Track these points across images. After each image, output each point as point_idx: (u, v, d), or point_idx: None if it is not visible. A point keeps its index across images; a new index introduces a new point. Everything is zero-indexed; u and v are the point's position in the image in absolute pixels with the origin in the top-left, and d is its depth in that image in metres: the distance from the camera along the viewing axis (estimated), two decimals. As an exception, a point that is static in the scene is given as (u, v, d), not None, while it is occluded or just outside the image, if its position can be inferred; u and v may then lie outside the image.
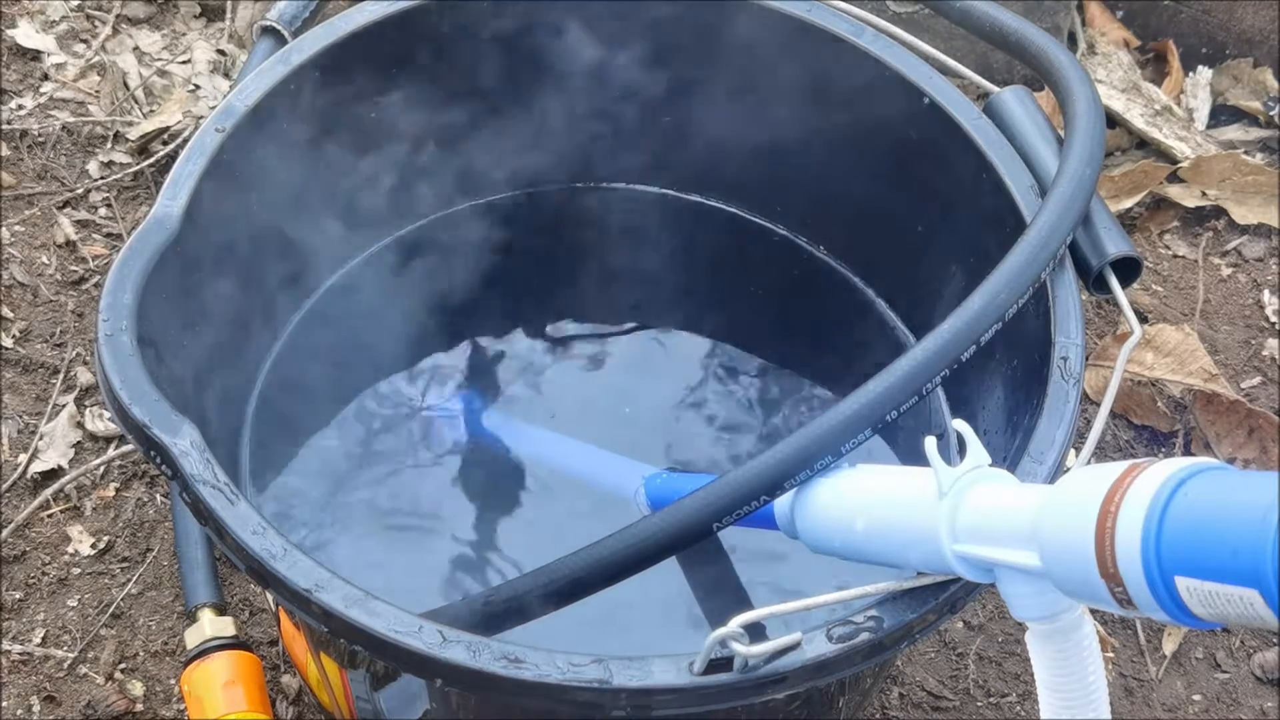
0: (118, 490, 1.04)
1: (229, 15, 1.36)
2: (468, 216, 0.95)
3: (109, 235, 1.19)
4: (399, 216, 0.93)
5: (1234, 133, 1.37)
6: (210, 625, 0.92)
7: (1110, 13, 1.42)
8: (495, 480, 0.87)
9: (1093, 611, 0.55)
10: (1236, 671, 1.04)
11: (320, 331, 0.88)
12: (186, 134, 1.24)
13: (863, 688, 0.81)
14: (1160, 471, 0.46)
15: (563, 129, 0.93)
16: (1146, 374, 1.15)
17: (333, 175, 0.85)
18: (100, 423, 1.07)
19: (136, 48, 1.33)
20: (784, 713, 0.65)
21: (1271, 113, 1.36)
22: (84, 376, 1.10)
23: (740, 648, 0.56)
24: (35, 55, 1.30)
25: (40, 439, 1.06)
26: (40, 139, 1.23)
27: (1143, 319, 1.22)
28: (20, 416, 1.07)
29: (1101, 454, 1.13)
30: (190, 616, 0.94)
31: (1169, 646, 1.04)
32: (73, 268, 1.16)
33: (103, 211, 1.20)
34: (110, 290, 0.66)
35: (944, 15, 0.86)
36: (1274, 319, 1.23)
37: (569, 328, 0.95)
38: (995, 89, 0.81)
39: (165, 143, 1.24)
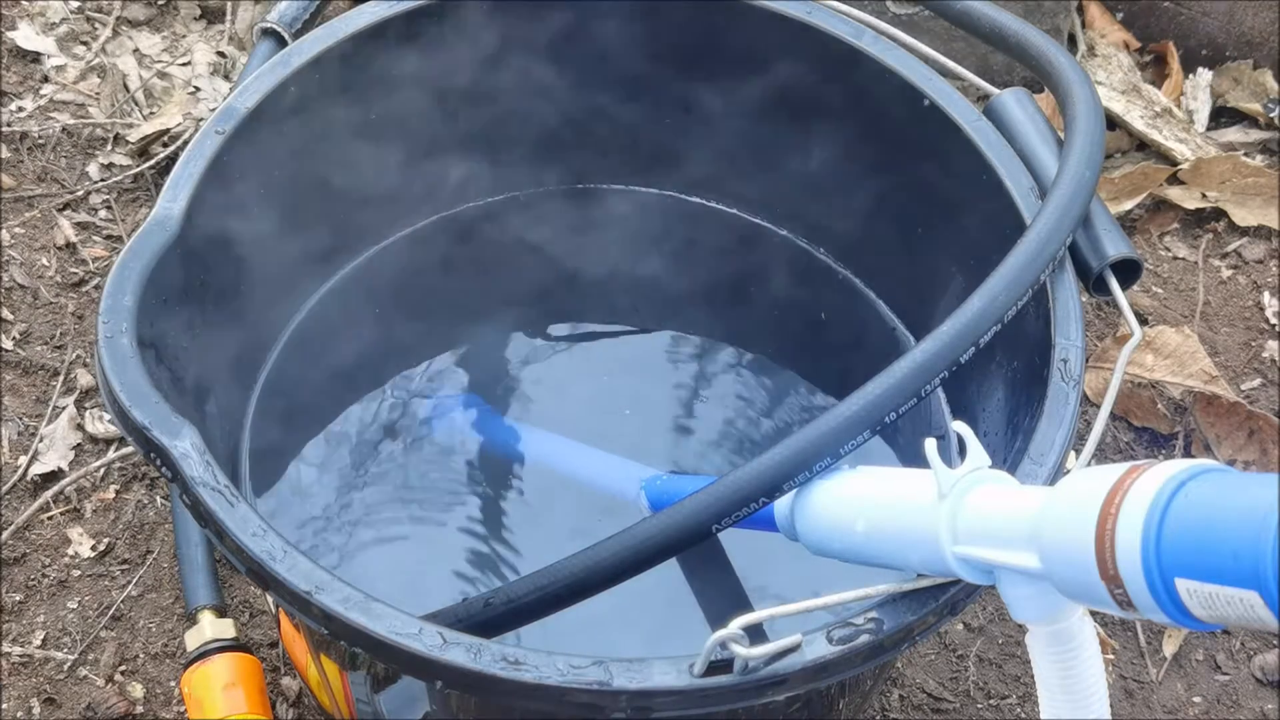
0: (118, 492, 1.04)
1: (229, 17, 1.36)
2: (468, 217, 0.95)
3: (109, 237, 1.19)
4: (398, 218, 0.93)
5: (1234, 135, 1.37)
6: (210, 627, 0.92)
7: (1110, 14, 1.42)
8: (495, 482, 0.87)
9: (1093, 613, 0.55)
10: (1237, 673, 1.03)
11: (320, 333, 0.89)
12: (186, 136, 1.24)
13: (863, 689, 0.81)
14: (1160, 473, 0.46)
15: (564, 130, 0.93)
16: (1147, 376, 1.15)
17: (332, 177, 0.85)
18: (100, 425, 1.07)
19: (136, 50, 1.33)
20: (784, 714, 0.65)
21: (1271, 115, 1.36)
22: (84, 379, 1.10)
23: (740, 650, 0.56)
24: (35, 57, 1.30)
25: (40, 441, 1.06)
26: (40, 141, 1.23)
27: (1143, 321, 1.22)
28: (20, 419, 1.07)
29: (1101, 456, 1.13)
30: (190, 618, 0.94)
31: (1169, 648, 1.04)
32: (73, 270, 1.16)
33: (103, 214, 1.20)
34: (110, 292, 0.66)
35: (944, 17, 0.86)
36: (1274, 321, 1.23)
37: (569, 329, 0.95)
38: (995, 91, 0.81)
39: (165, 145, 1.24)
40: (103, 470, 1.05)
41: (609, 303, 0.95)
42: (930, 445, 0.56)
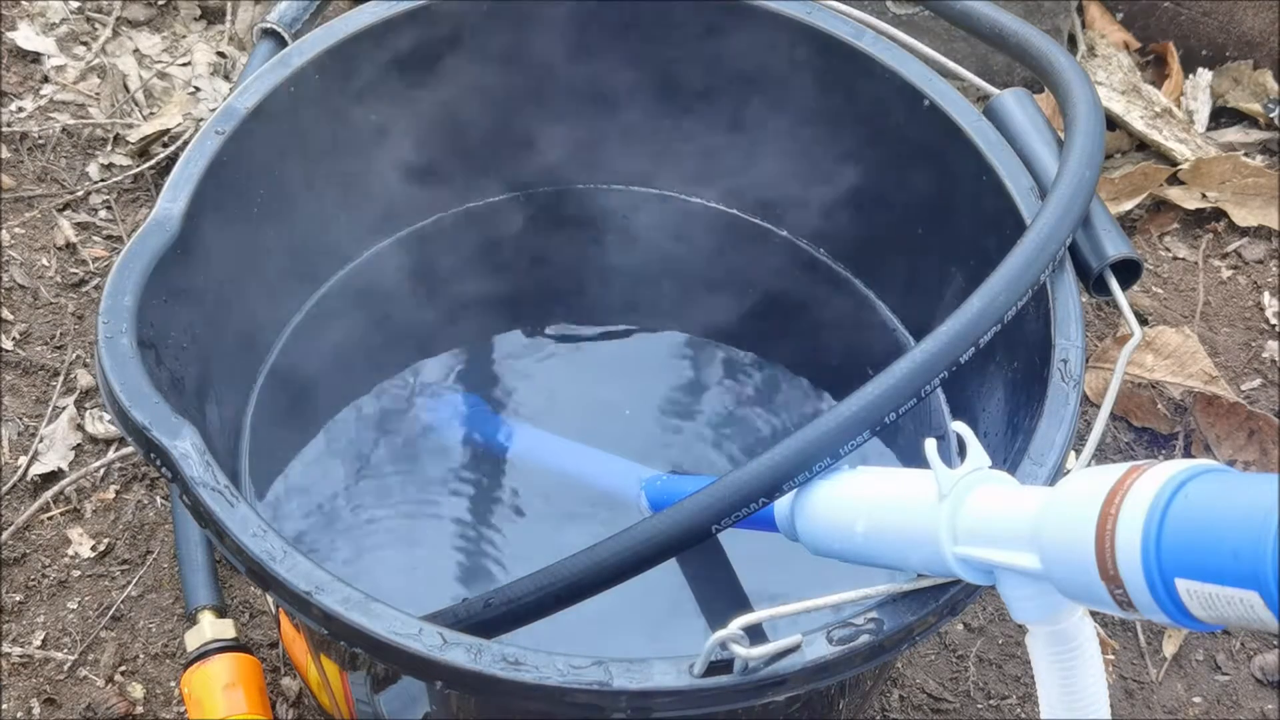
0: (118, 493, 1.04)
1: (229, 17, 1.36)
2: (469, 217, 0.95)
3: (109, 237, 1.19)
4: (398, 218, 0.93)
5: (1234, 135, 1.37)
6: (210, 627, 0.92)
7: (1110, 15, 1.42)
8: (495, 483, 0.87)
9: (1093, 613, 0.55)
10: (1237, 674, 1.03)
11: (320, 333, 0.88)
12: (187, 136, 1.24)
13: (863, 690, 0.81)
14: (1160, 473, 0.46)
15: (563, 130, 0.93)
16: (1147, 376, 1.15)
17: (333, 177, 0.85)
18: (100, 425, 1.07)
19: (136, 50, 1.33)
20: (784, 715, 0.65)
21: (1271, 115, 1.36)
22: (84, 379, 1.10)
23: (740, 650, 0.56)
24: (35, 58, 1.30)
25: (40, 441, 1.06)
26: (40, 141, 1.23)
27: (1143, 321, 1.22)
28: (20, 419, 1.07)
29: (1101, 456, 1.13)
30: (190, 619, 0.94)
31: (1169, 649, 1.04)
32: (73, 270, 1.16)
33: (103, 214, 1.20)
34: (110, 293, 0.66)
35: (944, 17, 0.86)
36: (1274, 321, 1.23)
37: (569, 329, 0.95)
38: (995, 91, 0.81)
39: (165, 145, 1.24)
40: (103, 470, 1.05)
41: (609, 303, 0.95)
42: (930, 445, 0.56)
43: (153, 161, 1.22)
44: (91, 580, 1.00)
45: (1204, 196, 1.30)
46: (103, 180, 1.22)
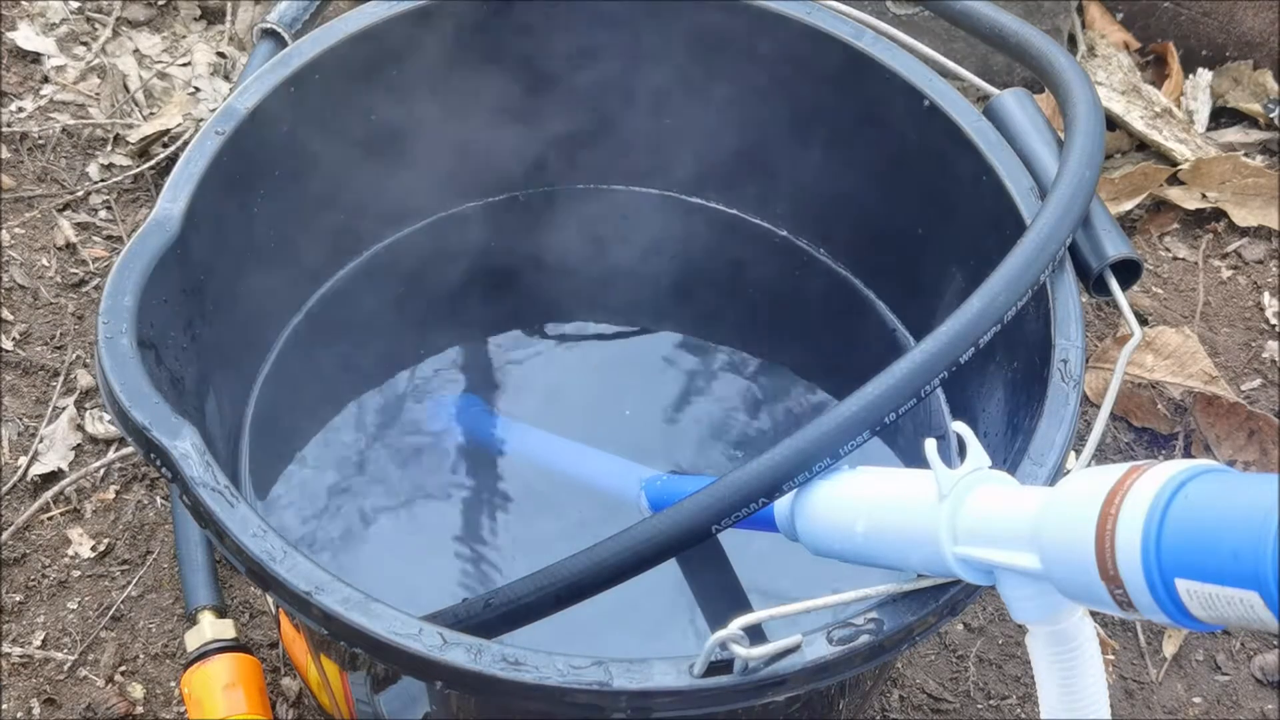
0: (118, 493, 1.04)
1: (229, 18, 1.36)
2: (468, 217, 0.95)
3: (109, 238, 1.19)
4: (398, 218, 0.93)
5: (1234, 135, 1.37)
6: (210, 628, 0.92)
7: (1110, 15, 1.42)
8: (495, 483, 0.87)
9: (1093, 613, 0.55)
10: (1237, 674, 1.03)
11: (320, 333, 0.89)
12: (187, 136, 1.24)
13: (863, 690, 0.81)
14: (1160, 474, 0.46)
15: (563, 130, 0.93)
16: (1147, 376, 1.15)
17: (332, 178, 0.85)
18: (100, 425, 1.07)
19: (136, 50, 1.33)
20: (784, 715, 0.65)
21: (1271, 115, 1.36)
22: (84, 379, 1.10)
23: (740, 650, 0.56)
24: (35, 58, 1.30)
25: (40, 441, 1.06)
26: (40, 141, 1.23)
27: (1143, 321, 1.22)
28: (20, 419, 1.07)
29: (1101, 456, 1.13)
30: (190, 619, 0.94)
31: (1169, 649, 1.04)
32: (73, 270, 1.16)
33: (103, 214, 1.20)
34: (110, 293, 0.66)
35: (944, 17, 0.86)
36: (1274, 321, 1.23)
37: (569, 329, 0.95)
38: (995, 91, 0.81)
39: (165, 145, 1.24)
40: (103, 470, 1.05)
41: (609, 303, 0.95)
42: (930, 445, 0.56)
43: (153, 161, 1.22)
44: (91, 580, 1.00)
45: (1204, 196, 1.30)
46: (103, 180, 1.22)
